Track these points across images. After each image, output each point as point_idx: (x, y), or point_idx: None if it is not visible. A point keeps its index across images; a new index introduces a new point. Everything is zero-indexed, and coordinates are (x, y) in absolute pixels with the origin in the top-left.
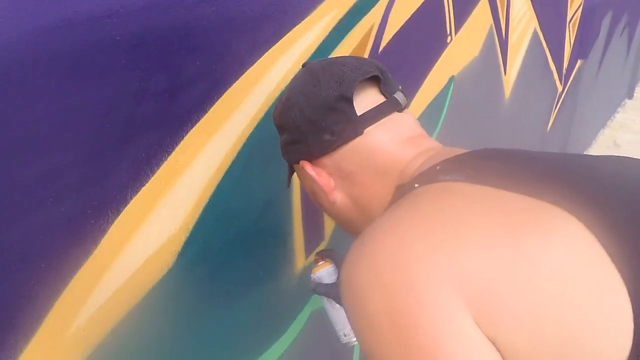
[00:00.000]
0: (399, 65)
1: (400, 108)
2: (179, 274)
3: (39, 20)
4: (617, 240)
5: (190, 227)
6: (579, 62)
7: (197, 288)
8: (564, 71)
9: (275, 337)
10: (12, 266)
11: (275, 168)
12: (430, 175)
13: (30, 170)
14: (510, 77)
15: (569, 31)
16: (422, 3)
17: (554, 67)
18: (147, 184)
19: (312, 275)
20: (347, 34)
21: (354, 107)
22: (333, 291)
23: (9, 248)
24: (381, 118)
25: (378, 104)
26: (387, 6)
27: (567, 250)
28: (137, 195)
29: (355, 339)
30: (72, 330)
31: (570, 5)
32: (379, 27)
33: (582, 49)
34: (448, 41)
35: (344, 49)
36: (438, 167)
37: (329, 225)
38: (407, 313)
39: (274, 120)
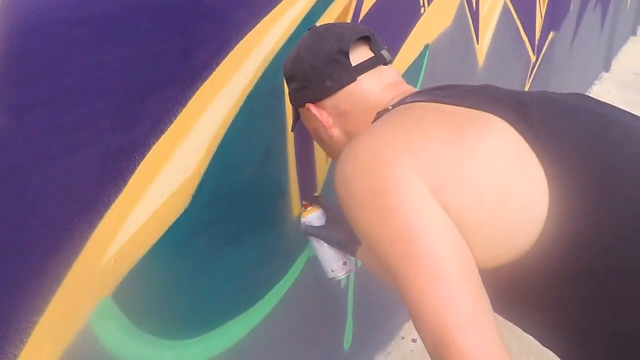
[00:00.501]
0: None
1: (385, 62)
2: (194, 214)
3: None
4: (535, 136)
5: (202, 172)
6: (551, 34)
7: (209, 227)
8: (537, 42)
9: (278, 278)
10: (58, 201)
11: (273, 120)
12: (401, 102)
13: (71, 116)
14: (482, 46)
15: (539, 4)
16: None
17: (526, 38)
18: (166, 132)
19: (302, 219)
20: (329, 5)
21: (349, 59)
22: (322, 232)
23: (54, 185)
24: (370, 69)
25: (368, 57)
26: None
27: (497, 141)
28: (159, 141)
29: (340, 273)
30: (105, 260)
31: None
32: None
33: (553, 21)
34: (422, 12)
35: (327, 18)
36: (407, 98)
37: (320, 175)
38: (381, 185)
39: (284, 72)
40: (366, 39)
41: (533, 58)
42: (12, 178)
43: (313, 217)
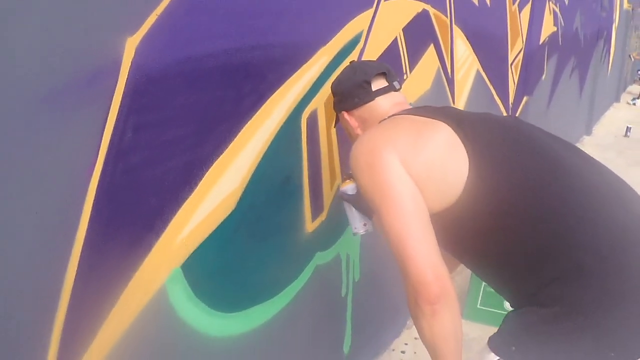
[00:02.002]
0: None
1: (395, 89)
2: (237, 215)
3: (185, 51)
4: (464, 134)
5: (244, 186)
6: (525, 98)
7: (247, 227)
8: (510, 105)
9: (291, 279)
10: (155, 193)
11: (292, 153)
12: (394, 115)
13: (167, 135)
14: (458, 107)
15: (512, 72)
16: (385, 50)
17: (500, 102)
18: (223, 153)
19: (340, 188)
20: (333, 71)
21: (371, 86)
22: (351, 199)
23: (154, 182)
24: (384, 93)
25: (383, 86)
26: (360, 52)
27: (441, 135)
28: (219, 159)
29: (361, 231)
30: (179, 239)
31: (511, 50)
32: None
33: (526, 87)
34: (405, 78)
35: (323, 96)
36: (398, 112)
37: (327, 198)
38: (373, 160)
39: (332, 88)
40: (384, 74)
41: None
42: (133, 174)
43: (348, 187)
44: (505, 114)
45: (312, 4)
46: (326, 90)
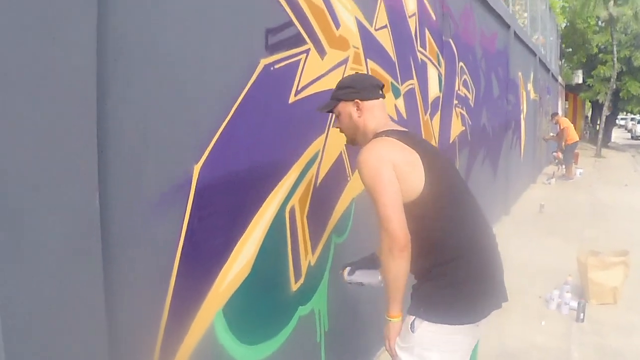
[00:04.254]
0: (327, 193)
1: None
2: (251, 276)
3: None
4: (420, 153)
5: (255, 257)
6: None
7: (257, 285)
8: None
9: (285, 324)
10: (208, 264)
11: (280, 239)
12: (385, 134)
13: (217, 222)
14: None
15: None
16: (334, 161)
17: None
18: (243, 235)
19: (346, 279)
20: (303, 179)
21: (379, 90)
22: (353, 279)
23: (210, 256)
24: (383, 98)
25: (382, 94)
26: (318, 165)
27: (413, 159)
28: (240, 240)
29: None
30: (221, 290)
31: None
32: (315, 178)
33: None
34: (349, 180)
35: (298, 196)
36: (389, 132)
37: (304, 267)
38: (374, 165)
39: (342, 82)
40: (382, 88)
41: None
42: (198, 251)
43: (346, 274)
44: None
45: (289, 137)
46: (299, 191)
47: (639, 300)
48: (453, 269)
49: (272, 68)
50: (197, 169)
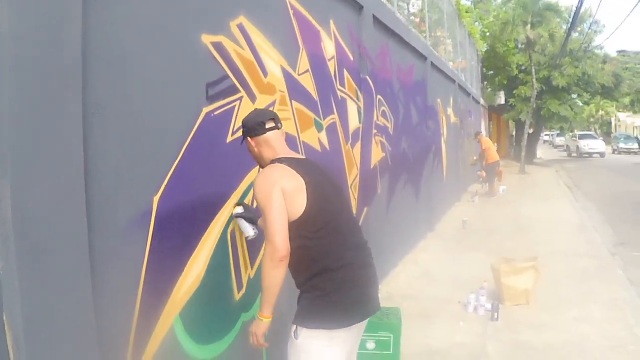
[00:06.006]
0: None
1: (279, 128)
2: (202, 286)
3: None
4: (309, 184)
5: (203, 272)
6: (365, 209)
7: (207, 293)
8: (355, 214)
9: (231, 327)
10: (167, 275)
11: (223, 256)
12: (279, 160)
13: (175, 240)
14: None
15: (352, 190)
16: None
17: None
18: (194, 252)
19: (234, 212)
20: (241, 207)
21: (264, 125)
22: (242, 215)
23: (167, 269)
24: (272, 130)
25: (271, 125)
26: (252, 194)
27: (298, 184)
28: (191, 256)
29: (252, 234)
30: (178, 297)
31: (349, 175)
32: (250, 203)
33: (365, 200)
34: None
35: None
36: (282, 159)
37: (244, 279)
38: (266, 188)
39: (242, 122)
40: (273, 119)
41: None
42: (161, 266)
43: (238, 209)
44: None
45: (228, 170)
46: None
47: (550, 301)
48: (324, 282)
49: (212, 114)
50: (156, 199)
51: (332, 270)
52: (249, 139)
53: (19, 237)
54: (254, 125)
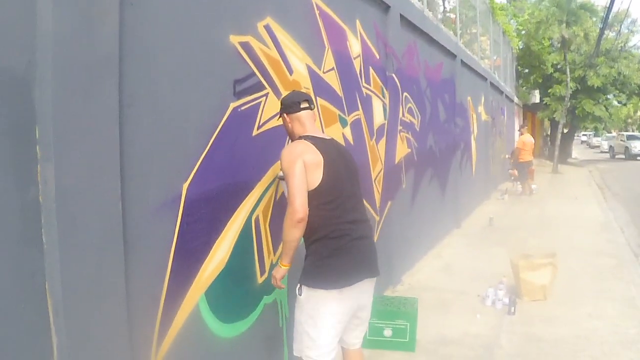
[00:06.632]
0: (285, 205)
1: (311, 109)
2: (227, 269)
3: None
4: (326, 161)
5: (229, 254)
6: (389, 203)
7: (232, 276)
8: (378, 208)
9: (254, 308)
10: (196, 254)
11: (248, 241)
12: (304, 138)
13: (203, 225)
14: None
15: (376, 185)
16: None
17: (369, 206)
18: (220, 236)
19: (279, 176)
20: (265, 194)
21: (299, 105)
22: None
23: (195, 250)
24: (306, 110)
25: (305, 106)
26: (276, 184)
27: (318, 159)
28: (218, 238)
29: None
30: (204, 277)
31: (373, 169)
32: (275, 193)
33: (389, 194)
34: None
35: (261, 207)
36: (308, 137)
37: (267, 265)
38: (290, 158)
39: (281, 101)
40: (307, 100)
41: (377, 218)
42: (191, 248)
43: (281, 173)
44: (376, 216)
45: (253, 161)
46: (263, 203)
47: (566, 296)
48: (322, 247)
49: (239, 109)
50: (185, 186)
51: (330, 238)
52: (284, 115)
53: (60, 214)
54: (290, 104)
